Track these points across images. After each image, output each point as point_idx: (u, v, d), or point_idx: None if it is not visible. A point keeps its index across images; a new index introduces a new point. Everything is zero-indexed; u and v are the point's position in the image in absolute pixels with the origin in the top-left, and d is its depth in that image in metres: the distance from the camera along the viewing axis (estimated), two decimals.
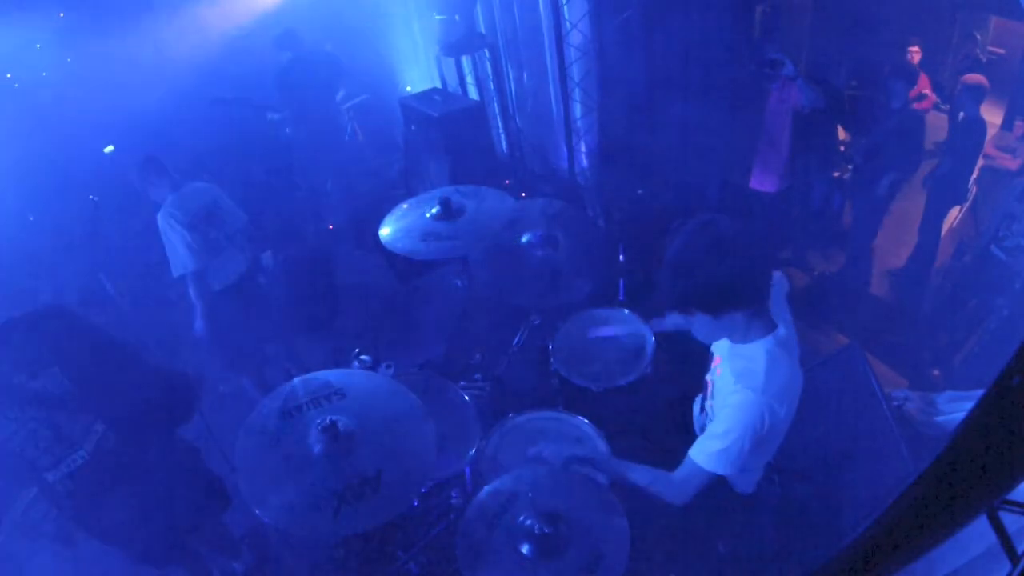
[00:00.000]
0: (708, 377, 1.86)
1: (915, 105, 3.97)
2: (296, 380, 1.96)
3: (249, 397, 3.56)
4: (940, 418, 2.69)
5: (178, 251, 3.01)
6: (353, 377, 2.02)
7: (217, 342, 3.29)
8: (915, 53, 4.21)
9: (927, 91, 4.19)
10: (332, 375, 1.98)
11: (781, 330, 1.63)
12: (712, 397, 1.79)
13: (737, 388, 1.57)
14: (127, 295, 4.26)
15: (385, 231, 2.55)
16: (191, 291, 3.08)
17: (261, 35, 5.27)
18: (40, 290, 4.08)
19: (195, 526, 2.57)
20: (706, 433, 1.65)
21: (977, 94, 3.63)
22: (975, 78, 3.68)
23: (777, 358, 1.57)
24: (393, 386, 1.99)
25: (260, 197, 5.17)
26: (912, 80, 3.75)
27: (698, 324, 1.60)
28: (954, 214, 4.19)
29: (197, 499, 2.47)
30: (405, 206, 2.68)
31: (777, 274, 1.77)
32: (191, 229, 3.01)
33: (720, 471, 1.60)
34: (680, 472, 1.68)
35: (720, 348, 1.77)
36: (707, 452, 1.60)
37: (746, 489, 1.88)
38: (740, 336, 1.64)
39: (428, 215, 2.56)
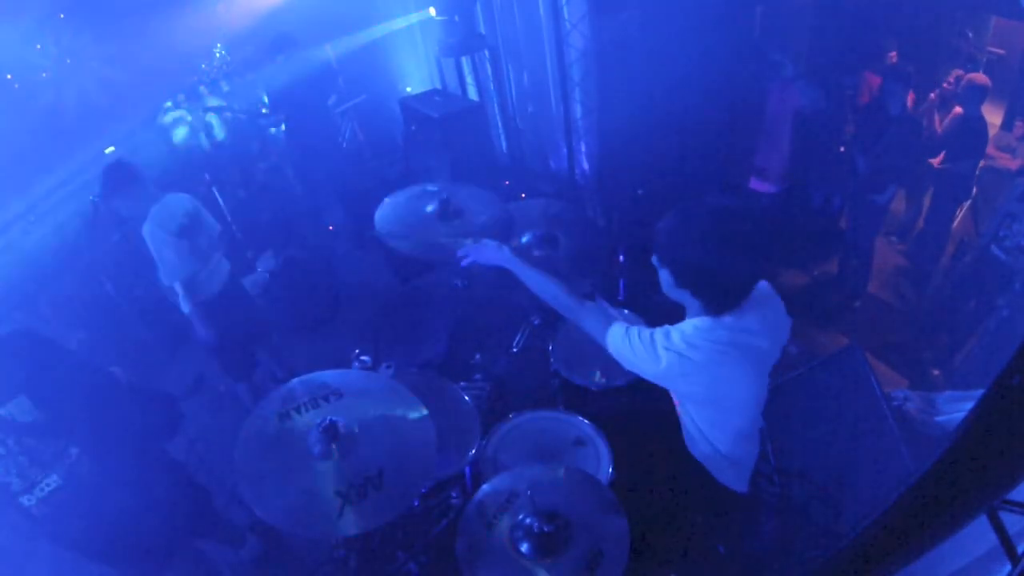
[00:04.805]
0: None
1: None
2: (295, 380, 1.96)
3: (244, 404, 3.55)
4: (940, 418, 2.70)
5: (168, 260, 2.94)
6: (353, 377, 2.02)
7: (216, 348, 3.28)
8: (892, 57, 4.20)
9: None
10: (331, 375, 1.97)
11: (727, 319, 1.61)
12: None
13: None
14: (127, 295, 4.25)
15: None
16: (182, 299, 3.01)
17: (262, 36, 5.25)
18: (40, 292, 4.08)
19: (179, 540, 2.52)
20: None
21: (979, 94, 3.63)
22: (979, 78, 3.69)
23: (700, 333, 1.59)
24: (393, 386, 1.99)
25: (260, 198, 5.20)
26: (908, 83, 3.73)
27: (663, 276, 1.67)
28: (957, 213, 4.19)
29: (181, 514, 2.42)
30: (387, 201, 2.64)
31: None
32: (179, 237, 2.94)
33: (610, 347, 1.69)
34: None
35: None
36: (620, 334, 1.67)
37: (740, 487, 1.88)
38: (690, 311, 1.69)
39: (428, 209, 2.53)
